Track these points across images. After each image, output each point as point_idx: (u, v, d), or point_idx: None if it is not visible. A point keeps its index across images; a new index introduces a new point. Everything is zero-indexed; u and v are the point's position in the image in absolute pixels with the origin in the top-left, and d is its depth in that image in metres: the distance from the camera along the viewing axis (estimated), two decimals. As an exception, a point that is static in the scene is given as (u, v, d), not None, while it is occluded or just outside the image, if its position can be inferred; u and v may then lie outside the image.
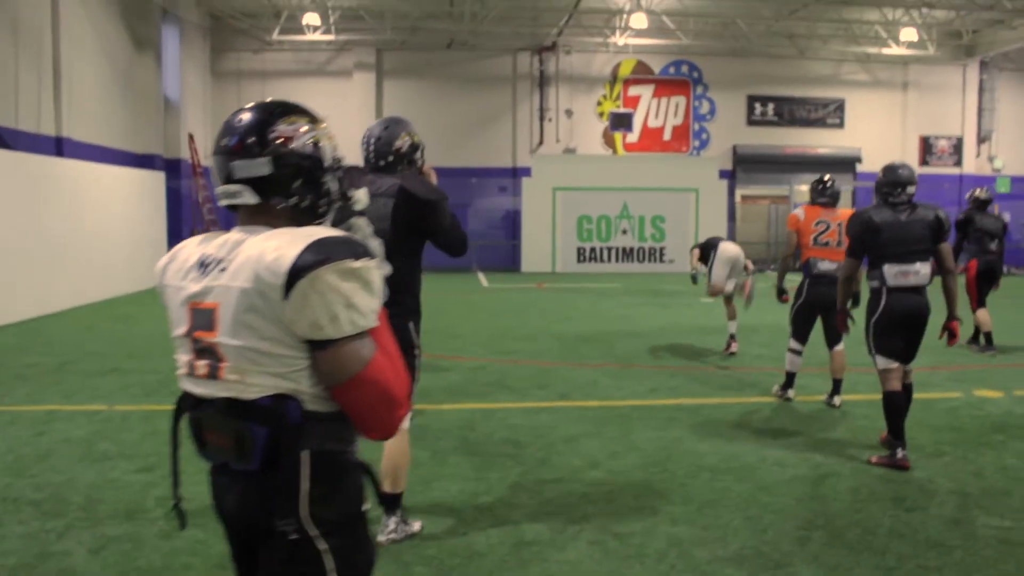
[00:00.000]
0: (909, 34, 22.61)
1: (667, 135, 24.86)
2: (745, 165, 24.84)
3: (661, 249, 22.80)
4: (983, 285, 9.73)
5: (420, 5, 21.95)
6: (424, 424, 6.37)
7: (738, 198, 25.31)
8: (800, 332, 7.01)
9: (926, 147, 25.29)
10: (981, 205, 9.99)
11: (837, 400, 6.92)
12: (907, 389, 5.48)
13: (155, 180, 18.27)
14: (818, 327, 7.00)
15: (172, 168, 20.25)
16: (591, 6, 21.96)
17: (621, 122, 23.40)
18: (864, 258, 5.54)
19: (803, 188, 26.17)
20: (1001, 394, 7.48)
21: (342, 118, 23.92)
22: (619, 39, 23.41)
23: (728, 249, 9.45)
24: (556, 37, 23.75)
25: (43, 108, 14.51)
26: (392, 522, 4.11)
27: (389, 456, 4.07)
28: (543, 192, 22.42)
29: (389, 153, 4.05)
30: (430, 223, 3.96)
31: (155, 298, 6.68)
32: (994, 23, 22.97)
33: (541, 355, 9.52)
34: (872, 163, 24.85)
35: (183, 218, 20.53)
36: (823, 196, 7.03)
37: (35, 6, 14.37)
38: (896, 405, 5.37)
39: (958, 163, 25.45)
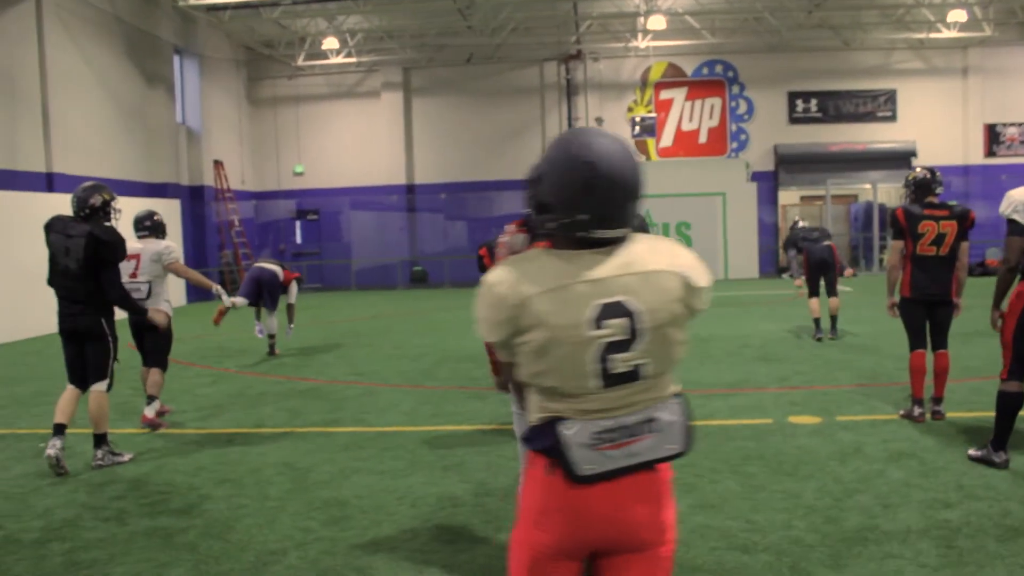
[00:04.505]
0: (958, 15, 20.83)
1: (703, 138, 23.86)
2: (788, 165, 23.49)
3: (689, 257, 21.83)
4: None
5: (435, 23, 21.98)
6: (169, 440, 6.27)
7: (785, 200, 24.00)
8: None
9: (992, 136, 23.17)
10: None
11: None
12: None
13: (168, 208, 19.03)
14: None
15: (196, 195, 21.07)
16: (605, 11, 21.41)
17: (644, 128, 22.61)
18: None
19: (866, 187, 24.57)
20: (819, 420, 6.67)
21: (373, 137, 24.36)
22: (641, 43, 22.69)
23: None
24: (577, 45, 23.28)
25: (31, 146, 15.36)
26: (99, 452, 5.90)
27: (90, 409, 5.85)
28: (563, 203, 21.90)
29: (86, 207, 5.86)
30: (107, 258, 5.75)
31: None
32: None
33: (390, 378, 9.22)
34: (929, 156, 22.99)
35: (207, 241, 21.30)
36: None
37: (20, 52, 15.23)
38: None
39: (1031, 152, 23.20)
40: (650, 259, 1.98)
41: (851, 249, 23.99)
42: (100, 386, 5.88)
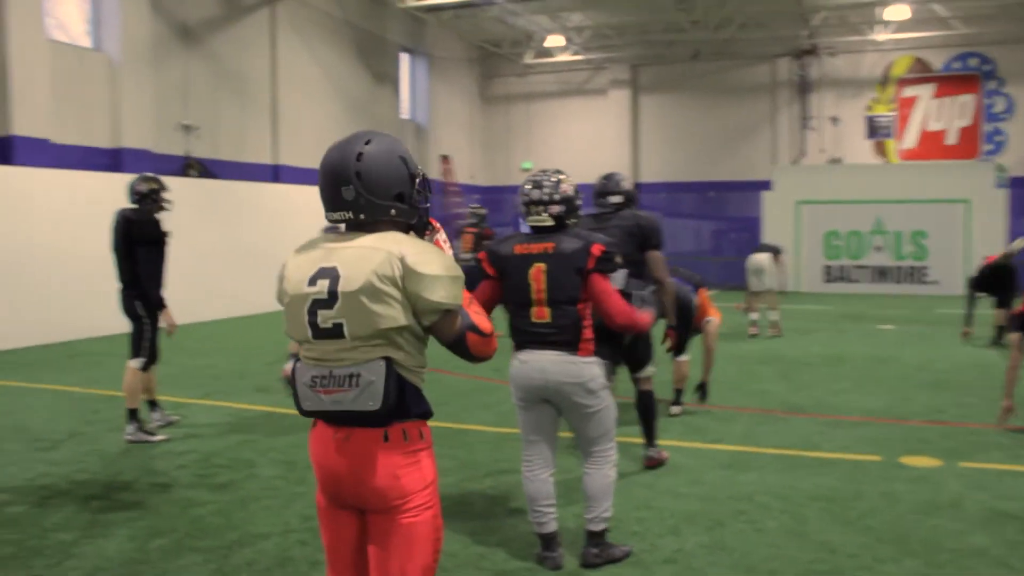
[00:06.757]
0: None
1: (951, 139, 21.53)
2: (1054, 171, 20.61)
3: (923, 269, 19.81)
4: None
5: (658, 19, 21.51)
6: (280, 419, 6.71)
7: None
8: None
9: None
10: None
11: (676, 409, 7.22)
12: (644, 396, 5.51)
13: (390, 199, 20.26)
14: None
15: (419, 188, 22.22)
16: (840, 2, 19.88)
17: (879, 128, 20.78)
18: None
19: None
20: (937, 463, 5.81)
21: (599, 135, 24.39)
22: (881, 36, 20.85)
23: (750, 260, 12.52)
24: (811, 40, 21.84)
25: (260, 141, 17.00)
26: (130, 428, 6.22)
27: (123, 384, 6.30)
28: (785, 206, 20.69)
29: (135, 194, 6.28)
30: (136, 237, 6.15)
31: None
32: None
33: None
34: None
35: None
36: None
37: (254, 55, 16.90)
38: None
39: None
40: (378, 242, 2.20)
41: None
42: (134, 363, 6.27)
